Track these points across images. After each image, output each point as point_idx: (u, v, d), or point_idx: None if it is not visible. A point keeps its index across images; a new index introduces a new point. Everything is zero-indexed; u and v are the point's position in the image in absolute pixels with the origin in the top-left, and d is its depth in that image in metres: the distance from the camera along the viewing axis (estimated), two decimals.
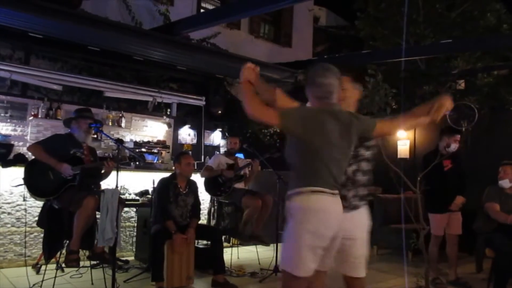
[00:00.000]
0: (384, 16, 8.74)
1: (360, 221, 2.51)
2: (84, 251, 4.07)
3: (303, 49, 10.95)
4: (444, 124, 5.79)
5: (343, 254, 2.40)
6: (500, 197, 4.53)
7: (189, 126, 7.95)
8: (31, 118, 6.04)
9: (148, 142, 6.89)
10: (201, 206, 4.84)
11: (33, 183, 3.92)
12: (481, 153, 6.21)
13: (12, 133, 5.93)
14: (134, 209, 5.49)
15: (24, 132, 6.05)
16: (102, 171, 4.24)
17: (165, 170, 5.71)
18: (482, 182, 4.94)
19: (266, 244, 5.25)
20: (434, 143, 5.23)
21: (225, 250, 4.65)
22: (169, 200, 4.37)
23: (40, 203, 4.34)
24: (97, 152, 4.73)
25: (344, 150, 2.25)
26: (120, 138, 5.38)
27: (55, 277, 3.74)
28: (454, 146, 4.74)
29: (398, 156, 7.29)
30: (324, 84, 2.25)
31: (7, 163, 4.63)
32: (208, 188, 5.37)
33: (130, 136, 6.95)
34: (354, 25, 9.54)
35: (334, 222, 2.15)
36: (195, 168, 5.86)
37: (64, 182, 3.89)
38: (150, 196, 5.10)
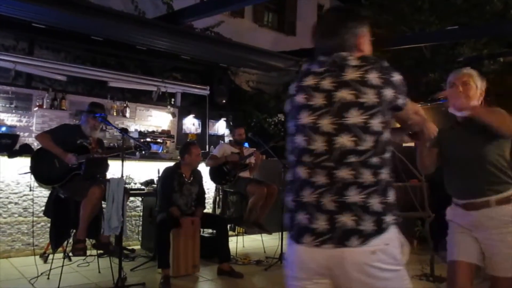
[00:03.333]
0: (389, 3, 8.65)
1: None
2: (91, 240, 4.10)
3: (308, 38, 10.77)
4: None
5: None
6: None
7: (194, 115, 7.95)
8: (36, 108, 6.07)
9: (153, 132, 6.90)
10: (206, 195, 4.86)
11: (40, 171, 3.97)
12: None
13: (18, 124, 5.95)
14: (140, 199, 5.52)
15: (29, 123, 6.08)
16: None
17: (170, 159, 5.72)
18: None
19: (269, 232, 5.28)
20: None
21: (230, 238, 4.68)
22: (174, 189, 4.39)
23: (46, 193, 4.38)
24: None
25: None
26: (125, 128, 5.39)
27: (63, 266, 3.77)
28: None
29: (404, 144, 7.26)
30: None
31: (13, 154, 4.66)
32: (213, 177, 5.39)
33: (135, 126, 6.96)
34: None
35: None
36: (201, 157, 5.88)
37: (70, 170, 3.92)
38: (155, 185, 5.12)
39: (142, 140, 6.13)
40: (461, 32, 6.96)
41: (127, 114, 6.86)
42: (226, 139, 7.96)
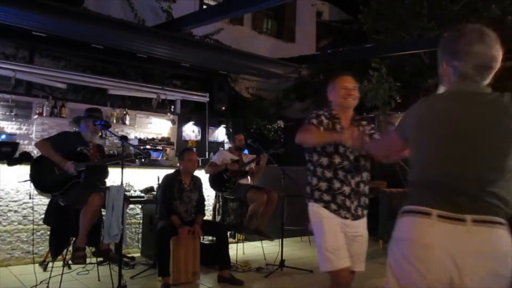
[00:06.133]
0: (387, 9, 8.69)
1: (364, 222, 2.66)
2: (91, 248, 4.09)
3: (307, 44, 10.91)
4: None
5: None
6: None
7: (193, 122, 7.96)
8: (36, 116, 6.07)
9: (153, 139, 6.90)
10: (206, 202, 4.85)
11: (39, 179, 3.97)
12: None
13: (17, 131, 5.96)
14: (140, 206, 5.51)
15: (29, 131, 6.08)
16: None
17: (170, 167, 5.72)
18: None
19: (271, 239, 5.27)
20: None
21: (230, 245, 4.66)
22: (174, 196, 4.39)
23: (46, 201, 4.37)
24: None
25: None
26: (125, 135, 5.39)
27: (62, 274, 3.76)
28: None
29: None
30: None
31: (12, 162, 4.66)
32: (213, 184, 5.38)
33: (135, 133, 6.97)
34: (357, 19, 9.50)
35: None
36: (200, 164, 5.87)
37: (69, 178, 3.91)
38: (155, 192, 5.12)
39: (142, 148, 6.14)
40: None
41: (127, 122, 6.87)
42: (226, 146, 7.96)
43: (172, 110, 7.64)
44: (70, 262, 4.05)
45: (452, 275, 1.40)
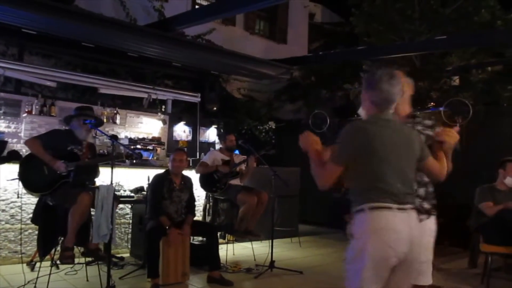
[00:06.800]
0: (379, 12, 8.73)
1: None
2: (79, 248, 4.06)
3: (299, 46, 10.94)
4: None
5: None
6: (493, 195, 4.57)
7: (184, 122, 7.94)
8: (25, 115, 6.02)
9: (143, 138, 6.88)
10: (197, 203, 4.84)
11: (28, 178, 3.92)
12: (476, 149, 6.23)
13: (6, 130, 5.90)
14: (129, 206, 5.48)
15: (18, 129, 6.03)
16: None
17: (160, 166, 5.69)
18: (476, 177, 4.96)
19: (260, 238, 5.28)
20: None
21: (220, 246, 4.66)
22: (163, 196, 4.37)
23: (34, 200, 4.33)
24: None
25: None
26: (115, 134, 5.35)
27: (50, 274, 3.73)
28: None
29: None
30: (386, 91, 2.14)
31: (1, 160, 4.61)
32: (203, 184, 5.37)
33: (125, 133, 6.93)
34: (349, 22, 9.53)
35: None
36: (190, 164, 5.86)
37: (59, 178, 3.88)
38: (145, 192, 5.09)
39: (132, 147, 6.10)
40: (450, 41, 7.05)
41: (118, 121, 6.83)
42: (217, 146, 7.95)
43: (163, 110, 7.62)
44: (58, 262, 4.01)
45: (409, 246, 2.01)
